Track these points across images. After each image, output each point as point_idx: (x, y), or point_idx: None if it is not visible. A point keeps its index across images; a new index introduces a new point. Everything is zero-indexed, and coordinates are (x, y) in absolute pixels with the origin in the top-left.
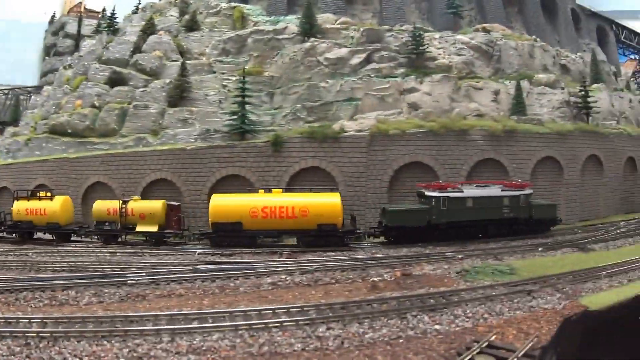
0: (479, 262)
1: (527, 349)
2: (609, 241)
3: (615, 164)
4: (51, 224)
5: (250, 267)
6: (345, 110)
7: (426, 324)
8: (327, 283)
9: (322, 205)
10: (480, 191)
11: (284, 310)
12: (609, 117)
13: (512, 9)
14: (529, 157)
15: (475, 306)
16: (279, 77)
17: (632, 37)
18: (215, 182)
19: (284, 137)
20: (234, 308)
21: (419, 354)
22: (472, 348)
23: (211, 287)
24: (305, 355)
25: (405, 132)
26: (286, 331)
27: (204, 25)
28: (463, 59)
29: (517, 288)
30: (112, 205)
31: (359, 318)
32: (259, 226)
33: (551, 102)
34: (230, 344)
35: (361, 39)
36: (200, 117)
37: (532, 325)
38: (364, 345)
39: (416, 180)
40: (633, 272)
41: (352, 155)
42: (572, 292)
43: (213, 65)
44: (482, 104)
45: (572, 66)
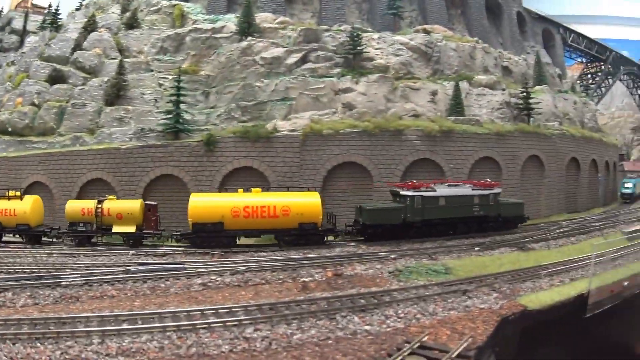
0: (413, 261)
1: (461, 350)
2: (550, 240)
3: (557, 164)
4: (21, 225)
5: (182, 267)
6: (280, 110)
7: (356, 324)
8: (257, 284)
9: (303, 204)
10: (452, 190)
11: (212, 311)
12: (551, 119)
13: (455, 11)
14: (466, 158)
15: (408, 306)
16: (215, 76)
17: (580, 40)
18: (149, 182)
19: (217, 137)
20: (163, 309)
21: (348, 355)
22: (403, 349)
23: (142, 288)
24: (233, 357)
25: (339, 132)
26: (214, 332)
27: (144, 23)
28: (401, 59)
29: (452, 288)
30: (86, 205)
31: (288, 319)
32: (241, 226)
33: (491, 103)
34: (159, 345)
35: (298, 39)
36: (136, 116)
37: (467, 326)
38: (292, 346)
39: (350, 181)
40: (575, 271)
41: (285, 155)
42: (510, 291)
43: (151, 63)
44: (419, 104)
45: (515, 68)
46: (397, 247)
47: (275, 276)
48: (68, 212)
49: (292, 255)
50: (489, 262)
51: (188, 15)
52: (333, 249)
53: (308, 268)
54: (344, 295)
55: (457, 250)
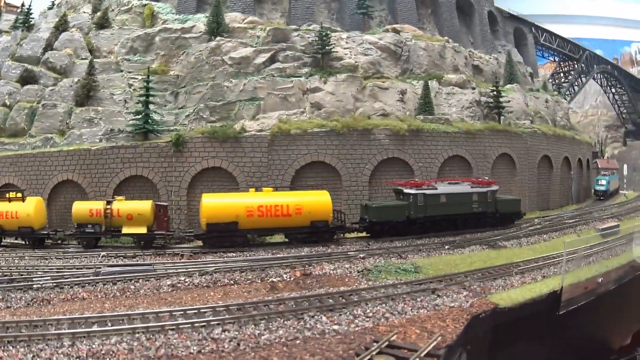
0: (382, 261)
1: (430, 349)
2: (521, 238)
3: (529, 162)
4: (24, 228)
5: (151, 269)
6: (248, 110)
7: (324, 324)
8: (226, 284)
9: (315, 203)
10: (452, 188)
11: (180, 312)
12: (522, 117)
13: (425, 11)
14: (435, 156)
15: (377, 305)
16: (184, 76)
17: (552, 39)
18: (119, 183)
19: (185, 137)
20: (133, 311)
21: (315, 355)
22: (371, 348)
23: (113, 290)
24: (202, 358)
25: (307, 132)
26: (182, 333)
27: (115, 22)
28: (370, 59)
29: (421, 287)
30: (95, 206)
31: (256, 319)
32: (255, 225)
33: (460, 102)
34: (128, 347)
35: (267, 39)
36: (106, 117)
37: (436, 324)
38: (260, 347)
39: (318, 180)
40: (547, 268)
41: (253, 155)
42: (481, 289)
43: (120, 63)
44: (387, 103)
45: (486, 67)
46: (366, 247)
47: (244, 277)
48: (75, 214)
49: (260, 256)
50: (460, 261)
51: (158, 15)
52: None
53: (277, 268)
54: (312, 295)
55: (426, 249)
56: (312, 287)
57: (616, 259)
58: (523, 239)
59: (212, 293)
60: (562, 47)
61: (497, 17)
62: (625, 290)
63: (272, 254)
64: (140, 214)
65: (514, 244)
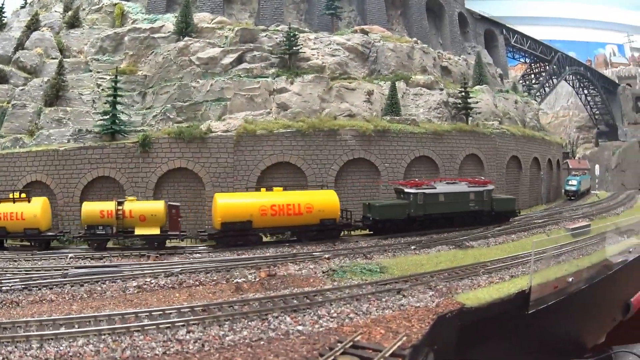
0: (348, 261)
1: (394, 349)
2: (489, 238)
3: (497, 163)
4: (30, 230)
5: (118, 270)
6: (214, 111)
7: (288, 325)
8: (191, 285)
9: (324, 202)
10: (450, 187)
11: (146, 314)
12: (491, 118)
13: (394, 12)
14: (402, 157)
15: (341, 306)
16: (152, 76)
17: (524, 41)
18: (87, 184)
19: (152, 138)
20: (99, 312)
21: (280, 355)
22: (335, 349)
23: (80, 291)
24: (167, 359)
25: (273, 133)
26: (148, 335)
27: (85, 22)
28: (337, 59)
29: (386, 287)
30: (105, 207)
31: (220, 320)
32: (268, 224)
33: (428, 102)
34: (95, 349)
35: (235, 39)
36: (74, 117)
37: (402, 324)
38: (225, 347)
39: (284, 181)
40: (516, 268)
41: (219, 156)
42: (447, 289)
43: (90, 63)
44: (354, 104)
45: (454, 68)
46: (332, 247)
47: (210, 277)
48: (85, 215)
49: (226, 256)
50: (426, 261)
51: (128, 15)
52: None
53: (242, 269)
54: (277, 295)
55: (392, 249)
56: (276, 287)
57: (587, 258)
58: (491, 239)
59: (178, 294)
60: (534, 48)
61: (467, 18)
62: (598, 289)
63: (237, 255)
64: (154, 215)
65: (481, 244)
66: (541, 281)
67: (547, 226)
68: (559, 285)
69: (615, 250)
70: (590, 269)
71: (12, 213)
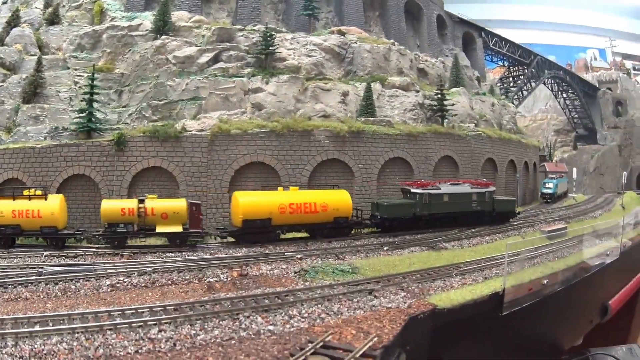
0: (320, 261)
1: (365, 349)
2: (463, 240)
3: (472, 165)
4: (47, 228)
5: (91, 269)
6: (189, 110)
7: (259, 324)
8: (164, 284)
9: (338, 200)
10: (454, 188)
11: (119, 312)
12: (467, 120)
13: (372, 13)
14: (376, 158)
15: (312, 306)
16: (129, 74)
17: (502, 44)
18: (62, 182)
19: (127, 136)
20: (73, 311)
21: (251, 355)
22: (306, 348)
23: (54, 290)
24: (139, 358)
25: (247, 132)
26: (120, 334)
27: (65, 19)
28: (313, 60)
29: (358, 287)
30: (127, 205)
31: (192, 319)
32: (286, 221)
33: (404, 104)
34: (69, 347)
35: (212, 38)
36: (51, 115)
37: (373, 325)
38: (196, 347)
39: (258, 181)
40: (489, 269)
41: (193, 155)
42: (419, 290)
43: (68, 60)
44: (329, 105)
45: (431, 70)
46: (304, 248)
47: (182, 277)
48: (105, 213)
49: (198, 256)
50: (398, 262)
51: (107, 12)
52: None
53: (214, 268)
54: (248, 295)
55: (365, 250)
56: (248, 287)
57: (563, 261)
58: (464, 241)
59: (150, 293)
60: (512, 51)
61: (446, 21)
62: (574, 291)
63: (210, 254)
64: (176, 213)
65: (455, 246)
66: (515, 283)
67: (522, 228)
68: (534, 288)
69: (592, 253)
70: (566, 272)
71: (28, 210)
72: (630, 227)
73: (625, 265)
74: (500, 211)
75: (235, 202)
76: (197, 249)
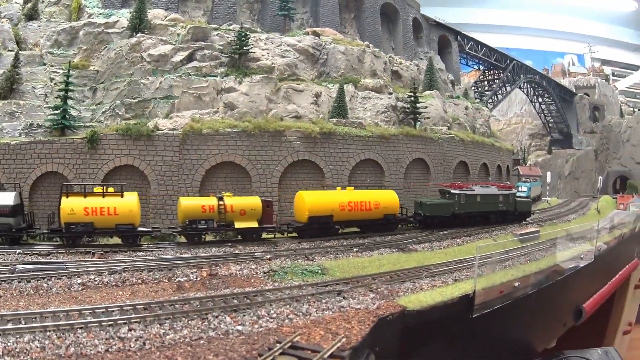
0: (289, 262)
1: (333, 350)
2: (433, 242)
3: (444, 167)
4: (123, 226)
5: (63, 267)
6: (162, 108)
7: (228, 324)
8: (134, 283)
9: (388, 199)
10: (485, 190)
11: (89, 311)
12: (439, 123)
13: (348, 15)
14: (347, 160)
15: (281, 307)
16: (104, 72)
17: (478, 48)
18: (36, 179)
19: (100, 134)
20: (45, 309)
21: (219, 355)
22: (274, 349)
23: (27, 287)
24: (109, 357)
25: (218, 132)
26: (91, 332)
27: (43, 14)
28: (287, 60)
29: (326, 288)
30: (207, 203)
31: (161, 319)
32: (344, 217)
33: (376, 106)
34: (41, 345)
35: (187, 37)
36: (26, 111)
37: (341, 326)
38: (165, 346)
39: (229, 180)
40: (460, 272)
41: (165, 154)
42: (389, 292)
43: (44, 57)
44: (301, 106)
45: (405, 73)
46: (273, 248)
47: (152, 276)
48: (186, 210)
49: (168, 255)
50: (368, 263)
51: (85, 9)
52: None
53: (184, 268)
54: (217, 295)
55: (334, 251)
56: (217, 287)
57: (535, 264)
58: (435, 243)
59: (121, 292)
60: (488, 55)
61: (422, 24)
62: (547, 294)
63: (180, 254)
64: (253, 209)
65: (425, 248)
66: (486, 285)
67: (493, 231)
68: (505, 290)
69: (565, 256)
70: (538, 274)
71: (103, 208)
72: (605, 231)
73: (601, 268)
74: (521, 211)
75: (301, 200)
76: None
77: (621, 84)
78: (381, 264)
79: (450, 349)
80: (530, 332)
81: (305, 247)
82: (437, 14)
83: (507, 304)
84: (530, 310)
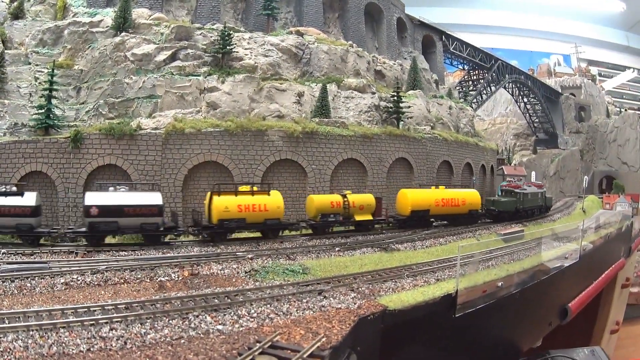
0: (270, 261)
1: (313, 349)
2: (416, 241)
3: (428, 167)
4: (271, 220)
5: (46, 267)
6: (145, 108)
7: (209, 324)
8: (116, 283)
9: (471, 197)
10: (532, 189)
11: (71, 310)
12: (423, 123)
13: (332, 15)
14: (330, 159)
15: (261, 306)
16: (88, 71)
17: (463, 48)
18: (20, 179)
19: (83, 134)
20: (28, 309)
21: (199, 354)
22: (254, 348)
23: (11, 287)
24: (91, 356)
25: (201, 131)
26: (73, 332)
27: (29, 13)
28: (270, 60)
29: (308, 288)
30: (334, 199)
31: (142, 318)
32: (437, 212)
33: (359, 106)
34: (24, 344)
35: (170, 36)
36: (11, 111)
37: (322, 325)
38: (146, 345)
39: (211, 180)
40: (442, 271)
41: (148, 154)
42: (370, 291)
43: (29, 56)
44: (284, 105)
45: (388, 72)
46: (255, 247)
47: (134, 275)
48: (319, 205)
49: (151, 255)
50: (350, 263)
51: (70, 8)
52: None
53: (165, 267)
54: (198, 294)
55: (316, 251)
56: (199, 286)
57: (519, 263)
58: (418, 242)
59: (103, 292)
60: (473, 55)
61: (406, 23)
62: (531, 293)
63: (162, 254)
64: (370, 205)
65: (407, 247)
66: (468, 285)
67: (477, 231)
68: (488, 290)
69: (550, 255)
70: (522, 274)
71: (254, 205)
72: (591, 230)
73: (586, 268)
74: (548, 205)
75: (404, 197)
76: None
77: (608, 85)
78: (363, 263)
79: (432, 349)
80: (515, 332)
81: (287, 246)
82: (424, 14)
83: (490, 303)
84: (514, 310)
